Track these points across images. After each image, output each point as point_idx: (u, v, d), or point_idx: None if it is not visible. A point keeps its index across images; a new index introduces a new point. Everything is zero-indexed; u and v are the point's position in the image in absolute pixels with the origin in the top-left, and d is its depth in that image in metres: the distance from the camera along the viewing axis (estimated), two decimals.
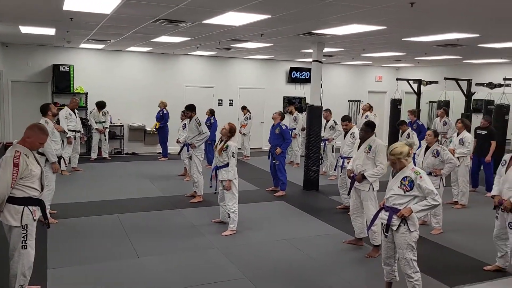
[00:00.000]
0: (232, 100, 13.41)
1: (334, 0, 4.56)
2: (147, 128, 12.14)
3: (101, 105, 10.82)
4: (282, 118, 8.41)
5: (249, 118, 11.87)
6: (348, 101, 15.09)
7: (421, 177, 3.89)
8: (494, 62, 11.71)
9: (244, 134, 11.95)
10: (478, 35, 6.78)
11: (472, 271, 4.95)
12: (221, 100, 13.28)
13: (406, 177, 3.95)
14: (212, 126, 10.01)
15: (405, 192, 3.94)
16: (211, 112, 10.49)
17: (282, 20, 5.99)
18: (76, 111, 9.49)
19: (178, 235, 5.91)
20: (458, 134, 7.70)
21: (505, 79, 10.48)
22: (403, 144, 4.05)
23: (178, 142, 9.11)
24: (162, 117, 11.42)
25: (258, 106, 13.36)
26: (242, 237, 5.88)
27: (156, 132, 11.61)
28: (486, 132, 8.39)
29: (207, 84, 13.06)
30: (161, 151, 11.71)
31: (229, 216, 5.98)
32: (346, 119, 7.07)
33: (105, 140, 11.06)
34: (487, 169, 8.43)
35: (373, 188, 5.32)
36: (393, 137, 12.19)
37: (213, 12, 5.55)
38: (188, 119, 7.89)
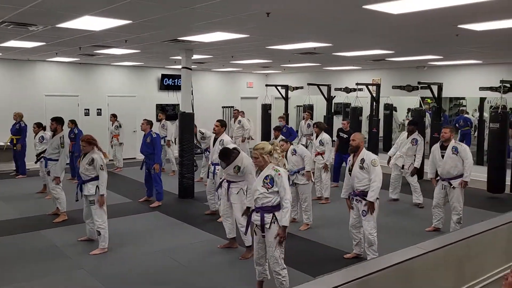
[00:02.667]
0: (100, 109, 12.64)
1: (194, 8, 4.58)
2: None
3: None
4: (151, 125, 8.21)
5: (120, 126, 11.31)
6: (222, 107, 15.37)
7: (279, 174, 4.12)
8: (348, 69, 13.02)
9: (121, 144, 11.33)
10: (331, 45, 7.45)
11: (334, 260, 5.38)
12: (88, 109, 12.44)
13: (267, 176, 4.14)
14: (76, 137, 9.30)
15: (268, 190, 4.12)
16: (73, 123, 9.76)
17: (145, 26, 5.83)
18: None
19: (38, 259, 5.34)
20: (317, 137, 8.31)
21: (357, 84, 11.71)
22: (268, 143, 4.27)
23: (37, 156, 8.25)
24: (19, 131, 10.26)
25: (129, 115, 12.81)
26: (112, 253, 5.55)
27: (15, 148, 10.32)
28: (347, 136, 9.15)
29: (71, 93, 12.11)
30: (16, 168, 10.48)
31: (100, 234, 5.59)
32: (221, 122, 7.11)
33: None
34: None
35: (243, 192, 5.48)
36: (266, 140, 12.72)
37: (67, 15, 5.16)
38: (52, 133, 7.22)
